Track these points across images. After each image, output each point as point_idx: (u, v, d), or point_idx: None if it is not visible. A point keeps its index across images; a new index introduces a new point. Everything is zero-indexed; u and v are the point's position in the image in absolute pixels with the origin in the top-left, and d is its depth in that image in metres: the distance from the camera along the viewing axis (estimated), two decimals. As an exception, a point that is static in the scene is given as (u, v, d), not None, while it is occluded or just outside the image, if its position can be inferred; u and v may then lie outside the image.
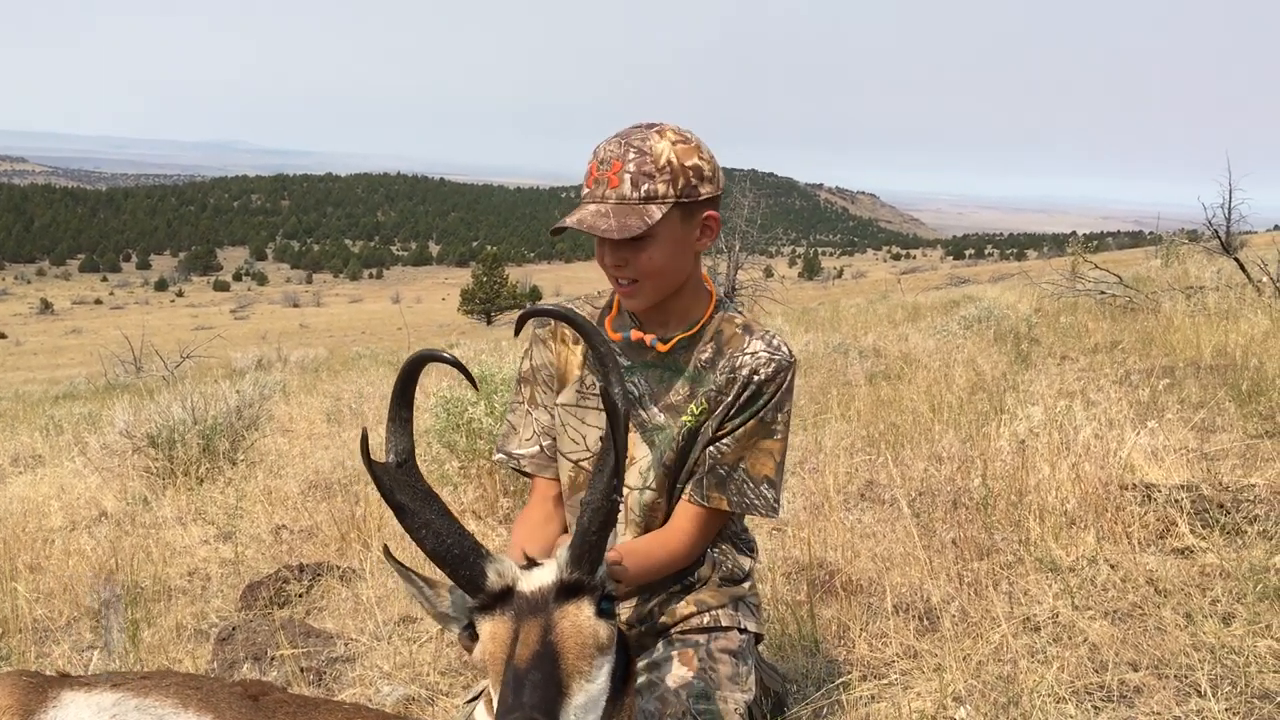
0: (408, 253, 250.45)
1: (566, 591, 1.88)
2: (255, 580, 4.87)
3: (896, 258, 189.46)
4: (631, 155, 2.39)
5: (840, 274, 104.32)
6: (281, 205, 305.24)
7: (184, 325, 70.23)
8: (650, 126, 2.46)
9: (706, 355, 2.61)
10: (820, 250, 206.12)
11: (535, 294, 74.34)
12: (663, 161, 2.39)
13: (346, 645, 4.03)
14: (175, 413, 7.84)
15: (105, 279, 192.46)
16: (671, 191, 2.40)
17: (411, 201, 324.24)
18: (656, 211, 2.38)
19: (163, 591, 5.00)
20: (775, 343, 2.60)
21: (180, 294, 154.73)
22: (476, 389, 2.29)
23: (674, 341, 2.60)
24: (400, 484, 1.98)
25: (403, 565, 2.00)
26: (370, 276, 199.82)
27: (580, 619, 1.87)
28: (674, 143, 2.42)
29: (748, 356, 2.58)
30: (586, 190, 2.45)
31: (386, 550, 2.05)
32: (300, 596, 4.69)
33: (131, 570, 5.08)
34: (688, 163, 2.42)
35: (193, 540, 5.88)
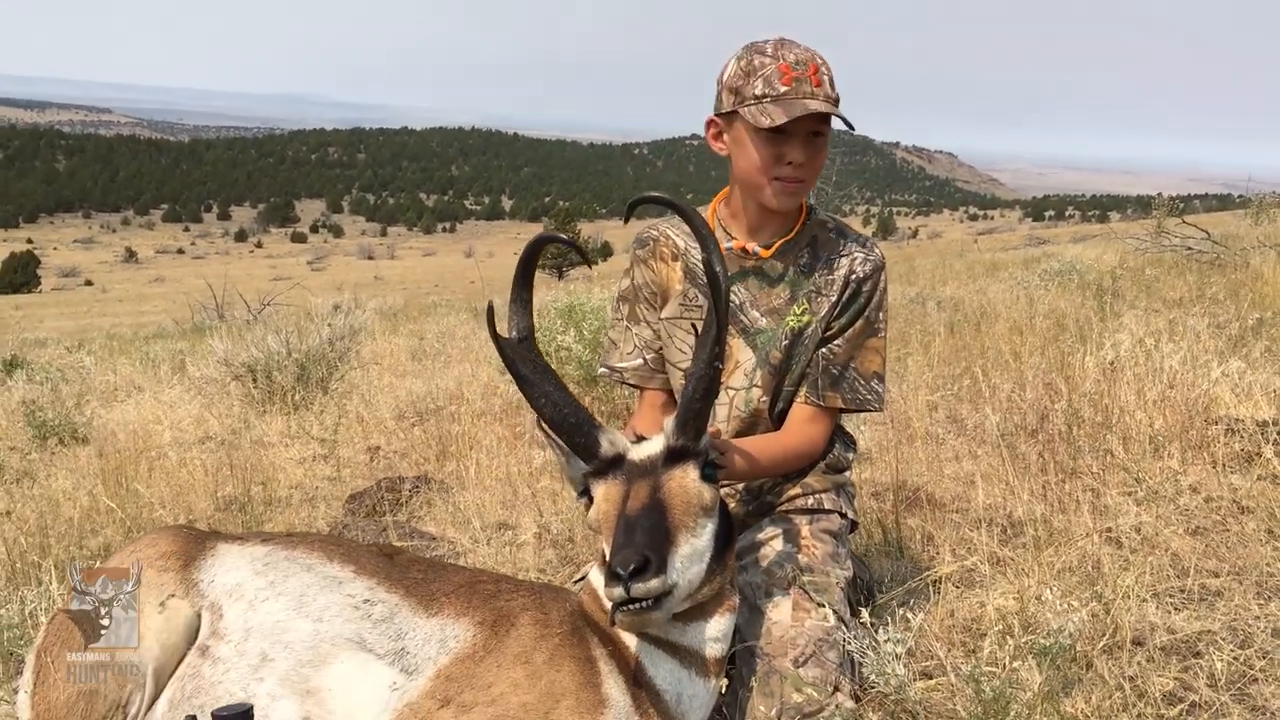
0: (481, 207, 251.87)
1: (673, 456, 2.08)
2: (357, 491, 5.12)
3: (973, 218, 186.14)
4: (819, 60, 2.56)
5: (915, 234, 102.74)
6: (357, 159, 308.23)
7: (262, 275, 71.50)
8: (783, 40, 2.62)
9: (804, 259, 2.75)
10: (896, 210, 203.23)
11: (607, 250, 74.33)
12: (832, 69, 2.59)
13: (450, 546, 4.25)
14: (271, 343, 8.15)
15: (187, 229, 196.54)
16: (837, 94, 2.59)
17: (485, 156, 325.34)
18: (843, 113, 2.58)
19: (271, 501, 5.27)
20: (868, 244, 2.75)
21: (259, 245, 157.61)
22: (590, 265, 2.48)
23: (774, 247, 2.74)
24: (522, 358, 2.19)
25: (547, 430, 2.18)
26: (444, 230, 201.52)
27: (686, 480, 2.06)
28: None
29: (845, 258, 2.72)
30: (785, 88, 2.53)
31: (539, 421, 2.21)
32: (402, 505, 4.92)
33: (245, 480, 5.34)
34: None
35: (294, 458, 6.16)
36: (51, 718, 2.18)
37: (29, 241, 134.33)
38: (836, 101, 2.55)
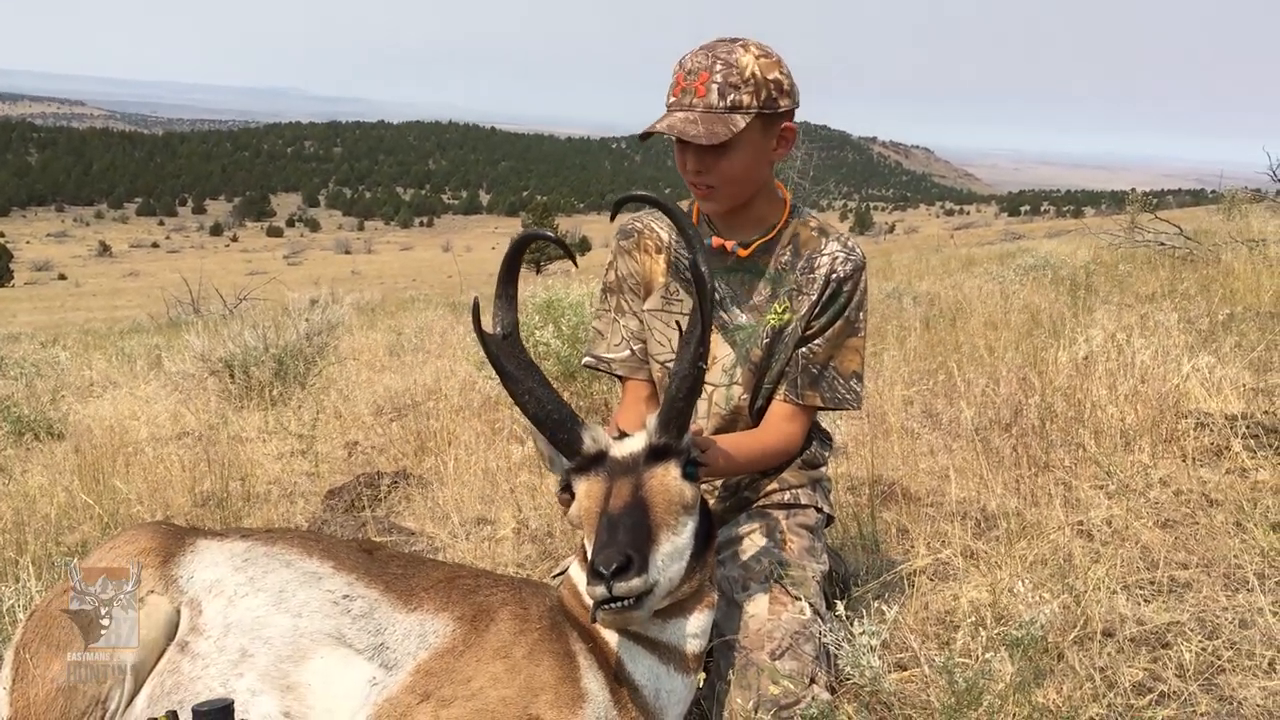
0: (458, 201, 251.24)
1: (655, 454, 2.10)
2: (336, 486, 5.12)
3: (950, 213, 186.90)
4: (719, 67, 2.53)
5: (892, 229, 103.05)
6: (334, 152, 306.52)
7: (238, 270, 71.12)
8: (734, 40, 2.60)
9: (785, 258, 2.77)
10: (873, 205, 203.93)
11: (585, 244, 74.35)
12: (747, 74, 2.54)
13: (429, 541, 4.27)
14: (248, 338, 8.13)
15: (162, 223, 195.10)
16: (754, 103, 2.54)
17: (463, 150, 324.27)
18: (741, 121, 2.53)
19: (249, 497, 5.26)
20: (850, 244, 2.77)
21: (235, 239, 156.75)
22: (576, 264, 2.49)
23: (753, 246, 2.76)
24: (506, 353, 2.21)
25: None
26: (421, 225, 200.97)
27: (668, 479, 2.09)
28: (757, 57, 2.56)
29: (825, 257, 2.74)
30: (673, 99, 2.59)
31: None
32: (380, 500, 4.93)
33: (223, 475, 5.33)
34: (769, 76, 2.56)
35: (272, 454, 6.15)
36: (31, 714, 2.18)
37: (1, 235, 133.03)
38: (731, 108, 2.50)
